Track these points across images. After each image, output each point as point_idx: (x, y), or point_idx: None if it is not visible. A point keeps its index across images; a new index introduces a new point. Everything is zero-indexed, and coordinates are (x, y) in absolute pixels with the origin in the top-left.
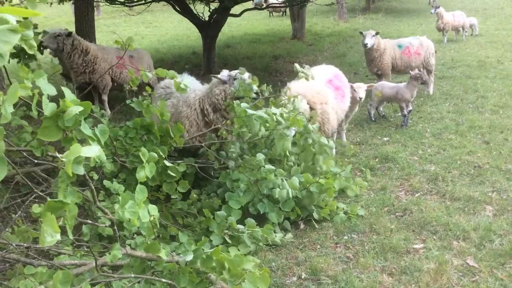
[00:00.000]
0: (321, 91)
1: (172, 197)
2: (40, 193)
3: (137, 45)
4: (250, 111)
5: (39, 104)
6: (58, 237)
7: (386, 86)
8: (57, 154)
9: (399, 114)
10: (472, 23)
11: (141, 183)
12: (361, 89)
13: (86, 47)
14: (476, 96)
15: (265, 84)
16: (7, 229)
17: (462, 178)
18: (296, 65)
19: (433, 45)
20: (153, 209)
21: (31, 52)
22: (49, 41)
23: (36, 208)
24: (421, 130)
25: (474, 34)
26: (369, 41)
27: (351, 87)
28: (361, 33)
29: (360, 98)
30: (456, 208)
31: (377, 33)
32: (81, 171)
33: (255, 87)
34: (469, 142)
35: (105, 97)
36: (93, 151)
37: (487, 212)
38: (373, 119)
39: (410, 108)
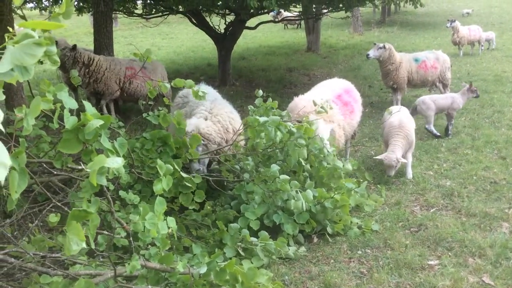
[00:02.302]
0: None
1: (189, 207)
2: (58, 203)
3: (154, 56)
4: (262, 119)
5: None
6: (83, 245)
7: (439, 97)
8: (82, 165)
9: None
10: (490, 37)
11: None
12: (390, 168)
13: (89, 58)
14: (492, 111)
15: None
16: (24, 238)
17: (478, 194)
18: (314, 100)
19: (449, 59)
20: (171, 221)
21: (54, 67)
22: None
23: (53, 218)
24: (436, 144)
25: (491, 48)
26: (372, 52)
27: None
28: (375, 44)
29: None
30: (472, 224)
31: (384, 46)
32: (104, 181)
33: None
34: (485, 157)
35: (103, 102)
36: (117, 162)
37: (503, 229)
38: (438, 134)
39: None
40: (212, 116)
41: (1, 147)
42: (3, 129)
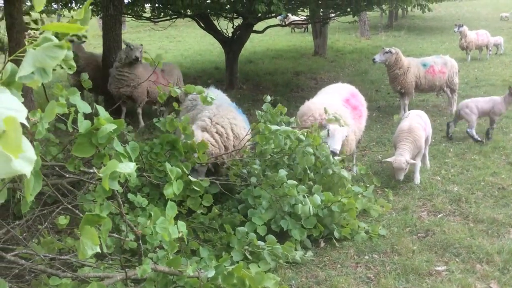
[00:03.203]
0: (338, 111)
1: (198, 211)
2: (68, 205)
3: (162, 60)
4: (274, 127)
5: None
6: (97, 249)
7: (481, 100)
8: (92, 169)
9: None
10: (498, 42)
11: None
12: (399, 171)
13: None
14: (500, 116)
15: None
16: (33, 240)
17: (486, 199)
18: (325, 108)
19: (456, 64)
20: (182, 225)
21: (70, 72)
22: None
23: (62, 220)
24: (444, 149)
25: (499, 53)
26: (378, 57)
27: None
28: (382, 48)
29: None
30: (480, 230)
31: (390, 51)
32: (116, 186)
33: None
34: (493, 163)
35: (139, 110)
36: (129, 167)
37: (511, 235)
38: (479, 139)
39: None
40: (212, 126)
41: (27, 142)
42: (27, 124)
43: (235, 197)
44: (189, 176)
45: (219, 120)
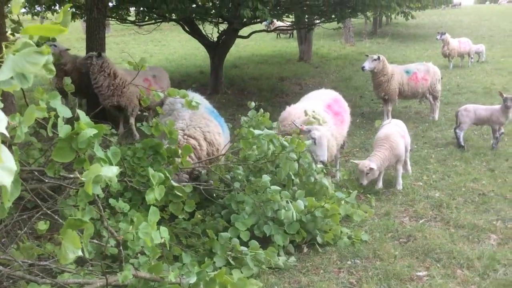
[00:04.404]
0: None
1: (180, 217)
2: (47, 211)
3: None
4: (257, 132)
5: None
6: (79, 253)
7: (480, 108)
8: (73, 173)
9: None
10: (480, 50)
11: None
12: (361, 173)
13: (114, 71)
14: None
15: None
16: (12, 246)
17: (467, 205)
18: (305, 110)
19: (439, 72)
20: (164, 231)
21: (50, 76)
22: (81, 64)
23: (41, 225)
24: (426, 155)
25: (480, 60)
26: (367, 64)
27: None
28: (367, 56)
29: (361, 184)
30: (460, 235)
31: (378, 58)
32: (99, 190)
33: None
34: (474, 169)
35: (132, 120)
36: (112, 171)
37: (491, 241)
38: (462, 144)
39: (502, 130)
40: (183, 141)
41: (7, 152)
42: (7, 134)
43: (218, 202)
44: (172, 181)
45: (191, 132)
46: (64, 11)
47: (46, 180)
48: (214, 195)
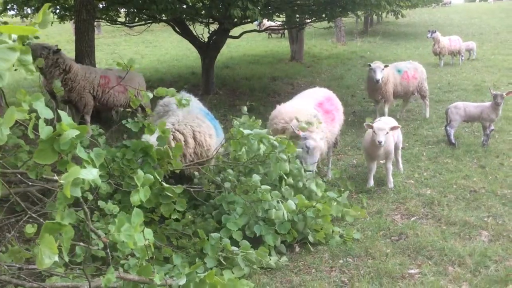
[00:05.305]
0: (308, 115)
1: (172, 217)
2: (33, 215)
3: (137, 65)
4: (246, 131)
5: (35, 126)
6: (56, 258)
7: (470, 105)
8: (55, 177)
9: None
10: (471, 47)
11: (136, 206)
12: (381, 132)
13: (69, 66)
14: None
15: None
16: (0, 249)
17: (458, 202)
18: (296, 117)
19: (425, 70)
20: (148, 233)
21: (30, 77)
22: (35, 49)
23: (29, 229)
24: (417, 153)
25: (471, 58)
26: (379, 75)
27: (372, 128)
28: (369, 65)
29: (380, 142)
30: (452, 233)
31: (386, 66)
32: (78, 193)
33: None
34: (465, 166)
35: (87, 117)
36: (92, 173)
37: (482, 238)
38: (453, 141)
39: (493, 127)
40: (171, 133)
41: None
42: None
43: (209, 203)
44: (162, 183)
45: (181, 128)
46: (43, 11)
47: (30, 183)
48: (205, 196)
